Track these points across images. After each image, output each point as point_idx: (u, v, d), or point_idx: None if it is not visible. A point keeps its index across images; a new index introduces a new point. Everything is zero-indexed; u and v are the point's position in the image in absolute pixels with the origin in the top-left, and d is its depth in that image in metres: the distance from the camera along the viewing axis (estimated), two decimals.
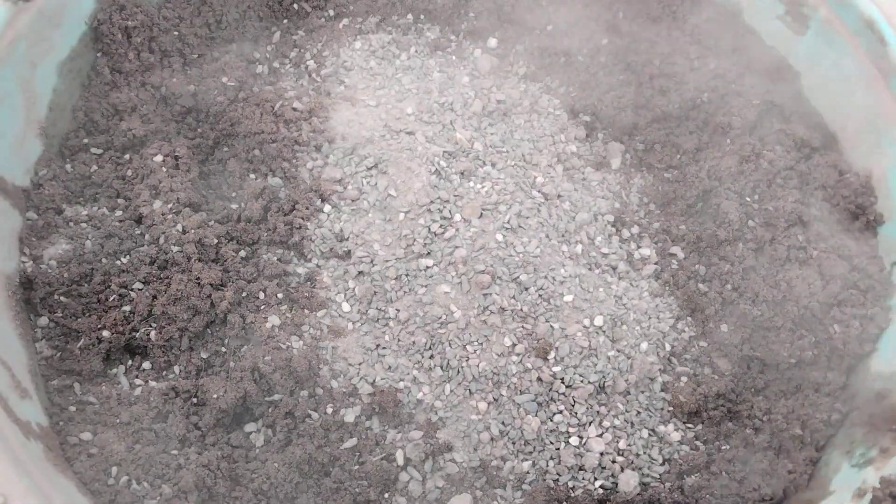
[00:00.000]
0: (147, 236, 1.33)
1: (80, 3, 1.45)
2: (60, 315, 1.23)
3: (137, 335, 1.22)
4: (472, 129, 1.49)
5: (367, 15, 1.67)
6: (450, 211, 1.34)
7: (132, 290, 1.27)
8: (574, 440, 1.21)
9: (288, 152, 1.43)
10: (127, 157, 1.42)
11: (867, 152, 1.45)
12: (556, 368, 1.24)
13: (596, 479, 1.19)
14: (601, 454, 1.20)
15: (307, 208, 1.36)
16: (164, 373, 1.22)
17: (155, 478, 1.11)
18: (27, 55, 1.33)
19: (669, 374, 1.30)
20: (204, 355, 1.22)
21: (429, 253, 1.31)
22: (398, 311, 1.27)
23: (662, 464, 1.22)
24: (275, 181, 1.40)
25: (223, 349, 1.23)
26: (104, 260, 1.29)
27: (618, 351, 1.28)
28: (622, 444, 1.22)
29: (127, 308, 1.24)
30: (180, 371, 1.22)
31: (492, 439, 1.20)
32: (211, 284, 1.25)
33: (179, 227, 1.33)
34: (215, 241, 1.32)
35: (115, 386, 1.20)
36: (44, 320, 1.22)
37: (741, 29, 1.64)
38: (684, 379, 1.30)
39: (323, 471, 1.15)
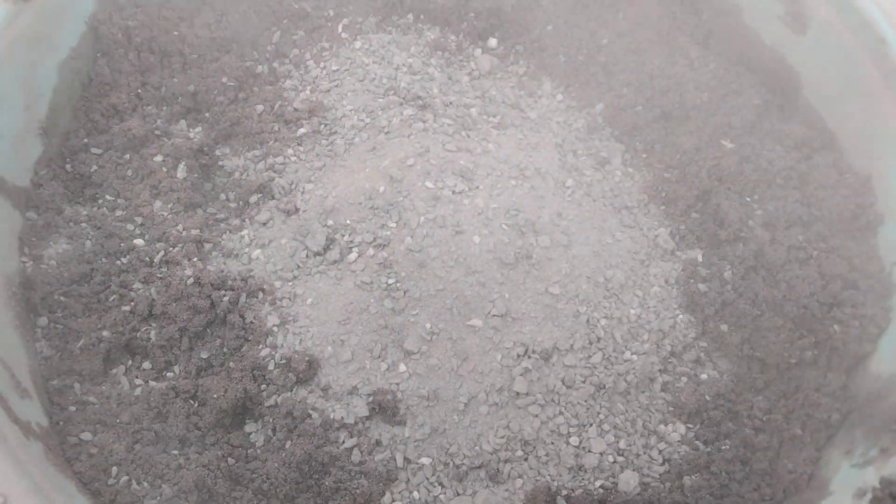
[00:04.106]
0: (147, 236, 1.33)
1: (80, 3, 1.45)
2: (60, 315, 1.23)
3: (137, 335, 1.23)
4: (471, 131, 1.49)
5: (367, 15, 1.67)
6: (451, 214, 1.35)
7: (132, 290, 1.27)
8: (574, 440, 1.21)
9: (288, 152, 1.44)
10: (127, 157, 1.42)
11: (867, 152, 1.45)
12: (557, 368, 1.24)
13: (596, 479, 1.19)
14: (601, 454, 1.20)
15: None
16: (164, 373, 1.23)
17: (155, 478, 1.11)
18: (27, 55, 1.33)
19: (669, 374, 1.30)
20: (204, 355, 1.22)
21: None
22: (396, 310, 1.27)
23: (662, 464, 1.22)
24: (275, 180, 1.40)
25: (223, 349, 1.23)
26: (104, 260, 1.29)
27: (618, 351, 1.28)
28: (622, 444, 1.22)
29: (127, 308, 1.24)
30: (180, 371, 1.22)
31: (492, 439, 1.20)
32: (211, 284, 1.25)
33: (179, 227, 1.34)
34: (216, 240, 1.32)
35: (115, 386, 1.20)
36: (44, 320, 1.22)
37: (741, 29, 1.64)
38: (684, 379, 1.30)
39: (323, 471, 1.15)
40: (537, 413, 1.22)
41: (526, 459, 1.20)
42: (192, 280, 1.25)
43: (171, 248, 1.31)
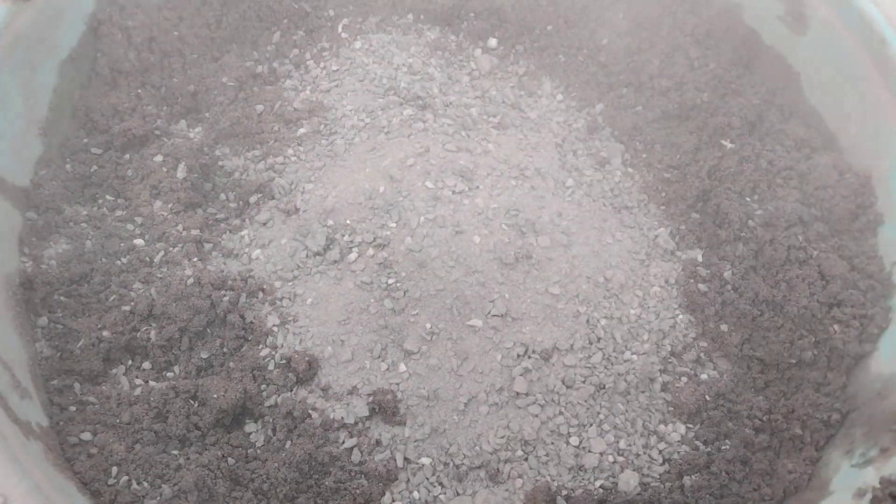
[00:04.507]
0: (147, 236, 1.33)
1: (80, 3, 1.45)
2: (60, 315, 1.23)
3: (137, 335, 1.22)
4: (472, 131, 1.49)
5: (367, 15, 1.67)
6: (451, 214, 1.34)
7: (132, 290, 1.27)
8: (574, 440, 1.21)
9: (288, 152, 1.44)
10: (127, 157, 1.42)
11: (867, 152, 1.45)
12: (557, 368, 1.24)
13: (596, 479, 1.19)
14: (601, 454, 1.20)
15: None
16: (164, 373, 1.22)
17: (155, 478, 1.11)
18: (27, 55, 1.33)
19: (669, 374, 1.30)
20: (204, 355, 1.22)
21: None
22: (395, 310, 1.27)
23: (662, 464, 1.22)
24: (275, 180, 1.40)
25: (223, 349, 1.23)
26: (104, 260, 1.29)
27: (618, 351, 1.28)
28: (622, 444, 1.22)
29: (127, 308, 1.24)
30: (180, 371, 1.22)
31: (492, 439, 1.20)
32: (211, 284, 1.25)
33: (179, 227, 1.34)
34: (216, 240, 1.32)
35: (115, 386, 1.20)
36: (44, 320, 1.22)
37: (741, 29, 1.64)
38: (684, 379, 1.30)
39: (323, 471, 1.15)
40: (537, 413, 1.22)
41: (526, 459, 1.20)
42: (192, 280, 1.25)
43: (171, 248, 1.31)
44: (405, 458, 1.18)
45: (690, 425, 1.26)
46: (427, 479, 1.17)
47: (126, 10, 1.50)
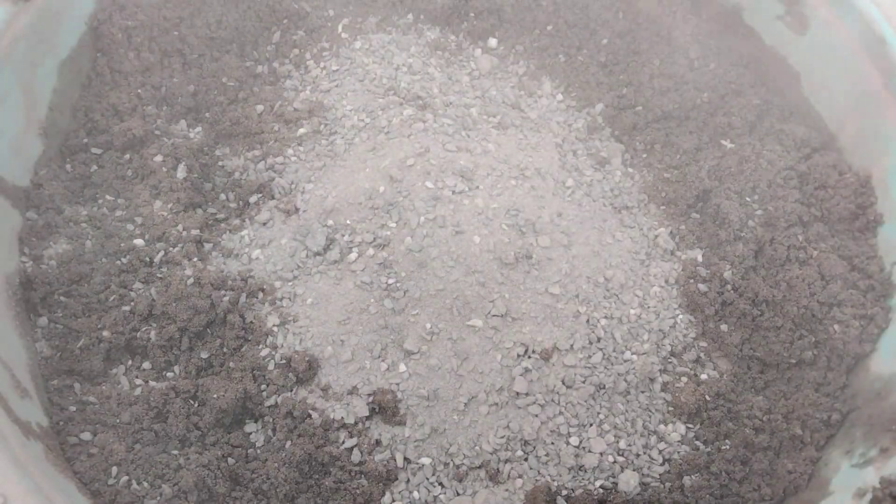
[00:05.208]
0: (147, 236, 1.33)
1: (80, 3, 1.45)
2: (60, 315, 1.23)
3: (137, 335, 1.22)
4: (471, 131, 1.49)
5: (367, 15, 1.67)
6: (451, 214, 1.34)
7: (132, 290, 1.27)
8: (574, 440, 1.21)
9: (288, 152, 1.44)
10: (127, 157, 1.42)
11: (867, 152, 1.45)
12: (557, 368, 1.24)
13: (596, 479, 1.19)
14: (601, 454, 1.20)
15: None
16: (164, 373, 1.22)
17: (155, 478, 1.11)
18: (27, 55, 1.33)
19: (669, 374, 1.30)
20: (204, 355, 1.22)
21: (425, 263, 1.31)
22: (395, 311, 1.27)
23: (662, 464, 1.22)
24: (275, 180, 1.40)
25: (223, 349, 1.23)
26: (104, 260, 1.29)
27: (618, 351, 1.28)
28: (622, 444, 1.22)
29: (127, 308, 1.24)
30: (180, 371, 1.22)
31: (492, 439, 1.20)
32: (211, 284, 1.25)
33: (179, 227, 1.34)
34: (216, 240, 1.32)
35: (115, 386, 1.20)
36: (44, 320, 1.22)
37: (741, 29, 1.64)
38: (684, 379, 1.30)
39: (323, 471, 1.15)
40: (537, 413, 1.22)
41: (526, 459, 1.20)
42: (192, 280, 1.25)
43: (171, 248, 1.31)
44: (405, 458, 1.18)
45: (690, 425, 1.26)
46: (427, 479, 1.17)
47: (126, 10, 1.50)
